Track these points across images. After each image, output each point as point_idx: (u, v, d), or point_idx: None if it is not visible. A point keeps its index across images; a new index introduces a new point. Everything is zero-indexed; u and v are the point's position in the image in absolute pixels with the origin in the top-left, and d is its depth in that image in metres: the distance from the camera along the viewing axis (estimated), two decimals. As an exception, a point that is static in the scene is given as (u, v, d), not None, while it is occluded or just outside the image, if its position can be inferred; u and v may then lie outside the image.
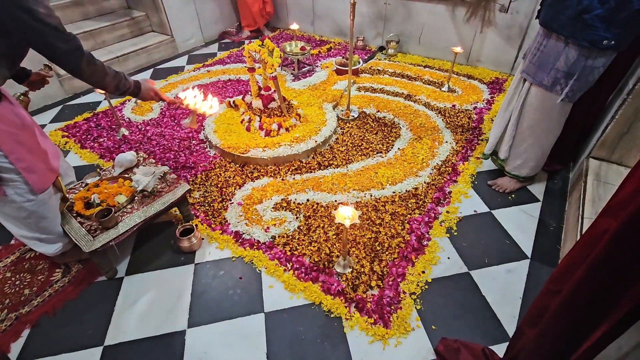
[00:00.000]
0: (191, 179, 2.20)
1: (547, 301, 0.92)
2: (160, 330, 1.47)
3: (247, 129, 2.46)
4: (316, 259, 1.70)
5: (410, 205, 1.97)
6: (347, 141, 2.48)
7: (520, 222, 1.90)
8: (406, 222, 1.87)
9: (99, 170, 1.87)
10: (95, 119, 2.82)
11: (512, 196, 2.06)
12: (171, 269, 1.71)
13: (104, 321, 1.51)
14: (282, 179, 2.17)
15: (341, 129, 2.63)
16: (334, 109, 2.79)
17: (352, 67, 2.77)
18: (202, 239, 1.82)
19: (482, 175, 2.22)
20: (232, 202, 2.02)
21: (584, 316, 0.77)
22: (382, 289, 1.57)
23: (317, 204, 1.99)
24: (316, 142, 2.37)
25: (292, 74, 3.40)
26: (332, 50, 3.97)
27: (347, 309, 1.51)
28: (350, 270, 1.64)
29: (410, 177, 2.17)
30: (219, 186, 2.14)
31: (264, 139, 2.38)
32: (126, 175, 1.78)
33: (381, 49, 3.84)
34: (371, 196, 2.03)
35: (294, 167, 2.26)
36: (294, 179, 2.18)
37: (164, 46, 3.87)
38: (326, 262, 1.68)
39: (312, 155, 2.37)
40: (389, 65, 3.55)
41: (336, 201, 2.01)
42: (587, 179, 1.80)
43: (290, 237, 1.81)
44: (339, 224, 1.44)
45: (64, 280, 1.66)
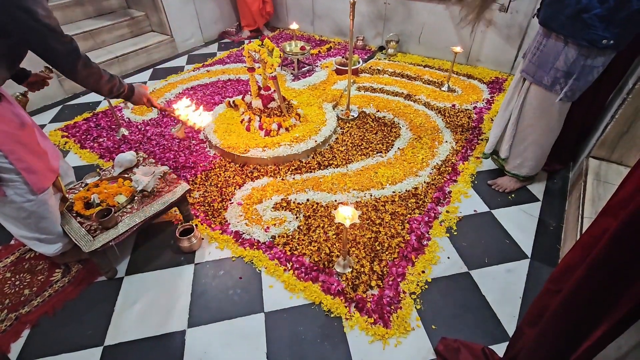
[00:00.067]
0: (191, 179, 2.20)
1: (547, 301, 0.92)
2: (160, 330, 1.47)
3: (247, 129, 2.46)
4: (316, 259, 1.70)
5: (410, 205, 1.97)
6: (347, 141, 2.48)
7: (520, 222, 1.90)
8: (406, 221, 1.87)
9: (98, 170, 1.87)
10: (95, 119, 2.82)
11: (512, 196, 2.06)
12: (171, 269, 1.71)
13: (104, 321, 1.51)
14: (282, 179, 2.17)
15: (341, 128, 2.63)
16: (333, 109, 2.79)
17: (352, 67, 2.76)
18: (202, 239, 1.82)
19: (482, 174, 2.22)
20: (232, 202, 2.02)
21: (584, 316, 0.77)
22: (382, 288, 1.57)
23: (317, 203, 1.99)
24: (316, 142, 2.37)
25: (291, 73, 3.40)
26: (332, 50, 3.96)
27: (347, 308, 1.51)
28: (350, 270, 1.64)
29: (410, 176, 2.17)
30: (219, 186, 2.14)
31: (263, 138, 2.38)
32: (126, 175, 1.78)
33: (381, 48, 3.84)
34: (371, 196, 2.03)
35: (293, 167, 2.26)
36: (293, 178, 2.18)
37: (164, 46, 3.87)
38: (326, 262, 1.68)
39: (312, 155, 2.37)
40: (389, 65, 3.54)
41: (336, 201, 2.01)
42: (587, 179, 1.80)
43: (290, 237, 1.81)
44: (339, 223, 1.44)
45: (64, 280, 1.66)
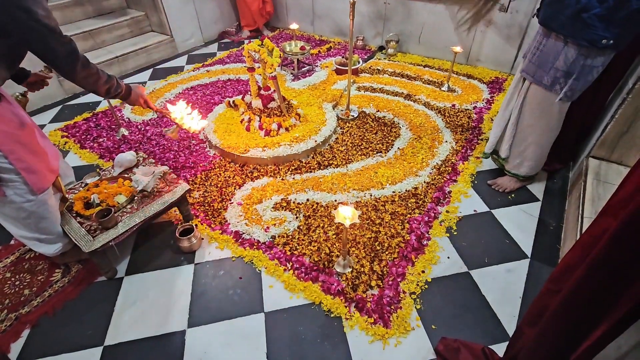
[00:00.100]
0: (191, 179, 2.20)
1: (547, 301, 0.92)
2: (160, 330, 1.47)
3: (247, 129, 2.45)
4: (316, 259, 1.70)
5: (410, 204, 1.97)
6: (347, 141, 2.48)
7: (520, 222, 1.90)
8: (406, 221, 1.87)
9: (98, 170, 1.87)
10: (94, 119, 2.82)
11: (512, 196, 2.06)
12: (171, 269, 1.71)
13: (103, 321, 1.51)
14: (282, 179, 2.17)
15: (341, 128, 2.63)
16: (333, 109, 2.79)
17: (352, 67, 2.76)
18: (202, 239, 1.82)
19: (481, 174, 2.22)
20: (232, 202, 2.02)
21: (584, 316, 0.77)
22: (382, 288, 1.57)
23: (317, 203, 1.99)
24: (316, 141, 2.37)
25: (291, 73, 3.40)
26: (332, 49, 3.96)
27: (347, 308, 1.51)
28: (350, 270, 1.64)
29: (410, 176, 2.17)
30: (219, 186, 2.14)
31: (263, 138, 2.38)
32: (126, 175, 1.78)
33: (381, 48, 3.84)
34: (371, 196, 2.03)
35: (293, 167, 2.26)
36: (293, 178, 2.18)
37: (164, 46, 3.87)
38: (326, 262, 1.68)
39: (311, 155, 2.37)
40: (389, 64, 3.54)
41: (336, 201, 2.01)
42: (587, 179, 1.80)
43: (290, 236, 1.81)
44: (339, 223, 1.44)
45: (64, 280, 1.66)
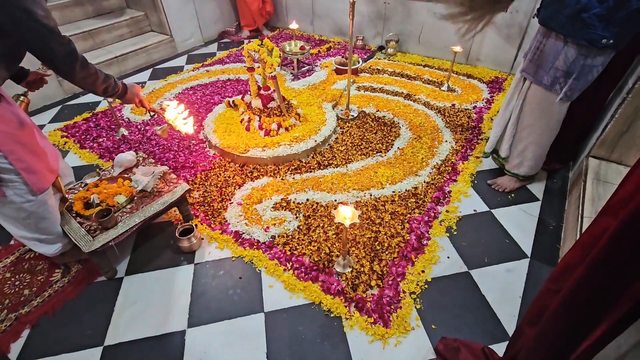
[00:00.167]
0: (191, 179, 2.20)
1: (547, 300, 0.92)
2: (160, 330, 1.47)
3: (247, 129, 2.45)
4: (316, 259, 1.70)
5: (410, 204, 1.97)
6: (347, 141, 2.48)
7: (520, 221, 1.90)
8: (406, 221, 1.87)
9: (98, 170, 1.87)
10: (94, 119, 2.82)
11: (512, 195, 2.06)
12: (171, 269, 1.71)
13: (103, 321, 1.51)
14: (282, 179, 2.17)
15: (341, 128, 2.63)
16: (333, 109, 2.79)
17: (352, 67, 2.76)
18: (202, 239, 1.82)
19: (481, 174, 2.22)
20: (232, 202, 2.02)
21: (584, 315, 0.77)
22: (381, 288, 1.57)
23: (317, 203, 1.99)
24: (316, 141, 2.37)
25: (291, 73, 3.40)
26: (332, 49, 3.96)
27: (347, 308, 1.51)
28: (350, 269, 1.64)
29: (409, 176, 2.17)
30: (219, 186, 2.14)
31: (263, 138, 2.38)
32: (126, 175, 1.78)
33: (381, 48, 3.83)
34: (371, 196, 2.03)
35: (293, 167, 2.26)
36: (293, 178, 2.18)
37: (163, 46, 3.86)
38: (326, 262, 1.68)
39: (311, 154, 2.37)
40: (389, 64, 3.54)
41: (336, 201, 2.01)
42: (587, 178, 1.80)
43: (290, 236, 1.81)
44: (339, 223, 1.44)
45: (64, 280, 1.66)
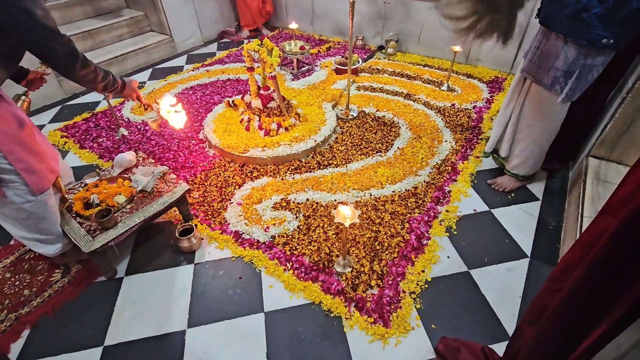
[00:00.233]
0: (190, 179, 2.19)
1: (547, 300, 0.92)
2: (160, 330, 1.47)
3: (247, 129, 2.45)
4: (316, 259, 1.70)
5: (409, 204, 1.97)
6: (347, 140, 2.48)
7: (519, 221, 1.90)
8: (406, 221, 1.87)
9: (98, 170, 1.87)
10: (94, 119, 2.82)
11: (512, 195, 2.06)
12: (171, 269, 1.71)
13: (103, 321, 1.51)
14: (282, 179, 2.17)
15: (340, 128, 2.63)
16: (333, 109, 2.79)
17: (352, 67, 2.76)
18: (202, 239, 1.82)
19: (481, 174, 2.22)
20: (232, 202, 2.02)
21: (584, 315, 0.77)
22: (381, 288, 1.57)
23: (317, 203, 1.99)
24: (315, 141, 2.37)
25: (291, 73, 3.40)
26: (332, 49, 3.96)
27: (347, 308, 1.51)
28: (350, 269, 1.64)
29: (409, 176, 2.17)
30: (219, 186, 2.14)
31: (263, 138, 2.38)
32: (125, 175, 1.77)
33: (380, 48, 3.83)
34: (371, 195, 2.03)
35: (293, 167, 2.26)
36: (293, 178, 2.18)
37: (163, 46, 3.86)
38: (326, 262, 1.68)
39: (311, 154, 2.37)
40: (389, 64, 3.54)
41: (336, 200, 2.01)
42: (587, 178, 1.80)
43: (289, 236, 1.81)
44: (339, 223, 1.44)
45: (64, 280, 1.66)
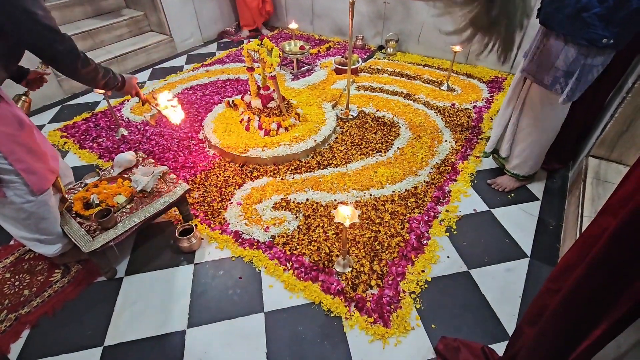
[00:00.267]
0: (190, 179, 2.19)
1: (547, 300, 0.92)
2: (160, 330, 1.47)
3: (247, 129, 2.45)
4: (316, 259, 1.70)
5: (409, 204, 1.97)
6: (347, 140, 2.48)
7: (519, 221, 1.90)
8: (406, 221, 1.87)
9: (98, 170, 1.87)
10: (94, 119, 2.82)
11: (512, 195, 2.06)
12: (171, 269, 1.71)
13: (103, 321, 1.51)
14: (282, 179, 2.17)
15: (340, 128, 2.63)
16: (333, 108, 2.79)
17: (352, 67, 2.76)
18: (202, 239, 1.82)
19: (481, 174, 2.22)
20: (232, 202, 2.02)
21: (584, 315, 0.77)
22: (381, 288, 1.57)
23: (317, 203, 1.99)
24: (315, 141, 2.37)
25: (291, 73, 3.40)
26: (331, 49, 3.96)
27: (347, 308, 1.51)
28: (349, 269, 1.64)
29: (409, 176, 2.17)
30: (219, 186, 2.14)
31: (263, 138, 2.38)
32: (125, 175, 1.77)
33: (380, 48, 3.83)
34: (371, 195, 2.03)
35: (293, 167, 2.26)
36: (293, 178, 2.18)
37: (163, 46, 3.86)
38: (326, 262, 1.68)
39: (311, 154, 2.37)
40: (388, 64, 3.54)
41: (336, 200, 2.01)
42: (587, 178, 1.80)
43: (289, 236, 1.81)
44: (339, 223, 1.44)
45: (64, 280, 1.66)
